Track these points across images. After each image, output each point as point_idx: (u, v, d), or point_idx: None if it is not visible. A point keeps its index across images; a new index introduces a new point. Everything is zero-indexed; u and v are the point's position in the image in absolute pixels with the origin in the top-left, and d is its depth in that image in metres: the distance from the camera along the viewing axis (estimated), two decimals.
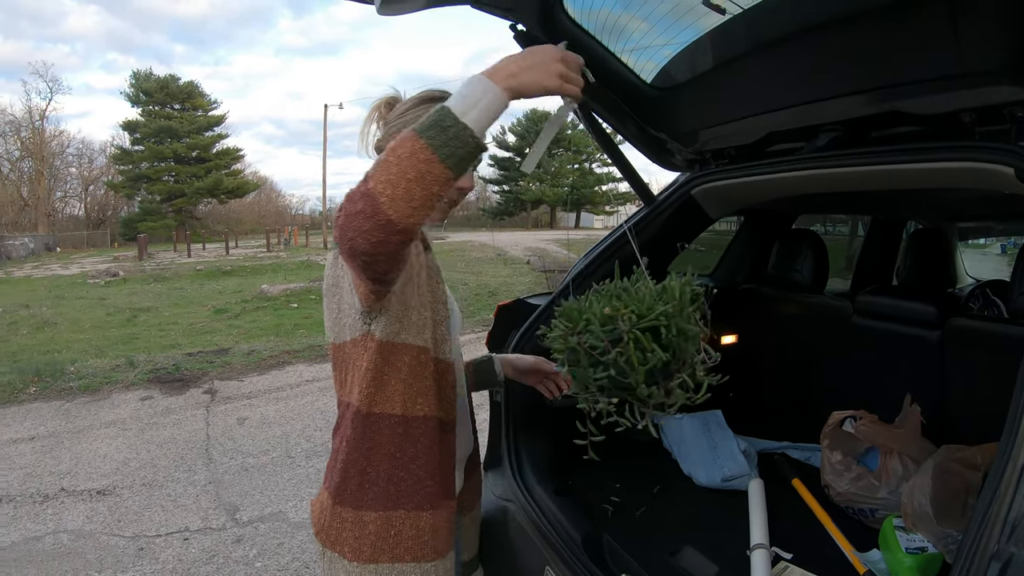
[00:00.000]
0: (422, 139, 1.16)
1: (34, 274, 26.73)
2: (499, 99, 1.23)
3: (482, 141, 1.22)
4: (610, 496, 2.31)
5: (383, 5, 1.70)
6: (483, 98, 1.21)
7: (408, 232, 1.18)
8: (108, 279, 21.96)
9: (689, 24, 2.10)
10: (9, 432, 6.61)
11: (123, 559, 4.05)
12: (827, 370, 2.88)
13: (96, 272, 24.22)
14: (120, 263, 27.38)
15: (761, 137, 2.27)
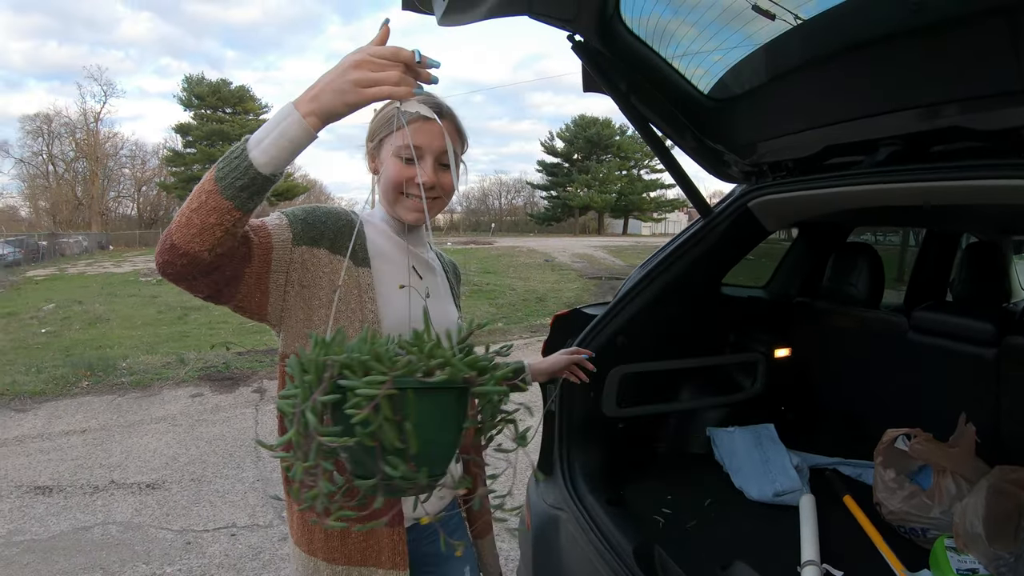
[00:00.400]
0: (214, 169, 1.18)
1: (87, 271, 27.28)
2: (296, 126, 1.17)
3: (263, 172, 1.18)
4: (661, 508, 2.30)
5: (444, 16, 1.72)
6: (279, 126, 1.18)
7: (190, 256, 1.19)
8: (159, 278, 22.26)
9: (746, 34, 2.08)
10: (61, 424, 6.75)
11: (170, 552, 4.10)
12: (880, 386, 2.84)
13: (148, 271, 24.60)
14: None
15: (819, 150, 2.25)
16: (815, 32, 1.92)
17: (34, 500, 4.96)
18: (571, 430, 2.43)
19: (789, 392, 3.03)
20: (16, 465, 5.68)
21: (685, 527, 2.22)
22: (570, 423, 2.43)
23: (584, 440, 2.43)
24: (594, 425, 2.43)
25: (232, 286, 1.35)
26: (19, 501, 4.95)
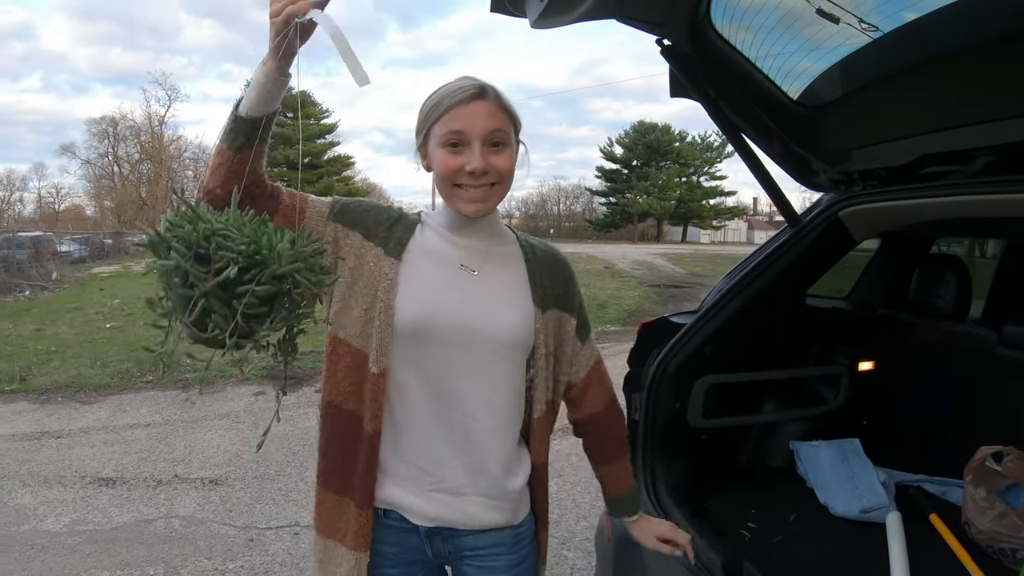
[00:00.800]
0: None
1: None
2: (261, 71, 1.35)
3: (241, 114, 1.37)
4: (746, 522, 2.26)
5: (538, 19, 1.71)
6: (255, 76, 1.37)
7: (209, 193, 1.40)
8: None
9: (837, 40, 2.03)
10: (126, 417, 6.88)
11: (233, 548, 4.13)
12: (967, 401, 2.76)
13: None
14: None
15: (914, 159, 2.19)
16: (909, 39, 1.87)
17: (98, 491, 5.04)
18: (655, 440, 2.39)
19: (871, 406, 2.96)
20: (80, 456, 5.79)
21: (771, 542, 2.17)
22: (654, 433, 2.39)
23: (668, 451, 2.39)
24: (678, 436, 2.39)
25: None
26: (83, 491, 5.04)
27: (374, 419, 1.55)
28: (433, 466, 1.56)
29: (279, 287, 1.12)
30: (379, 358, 1.53)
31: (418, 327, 1.51)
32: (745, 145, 2.32)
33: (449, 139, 1.49)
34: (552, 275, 1.66)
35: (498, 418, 1.56)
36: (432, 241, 1.60)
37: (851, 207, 2.42)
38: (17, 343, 11.02)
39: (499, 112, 1.51)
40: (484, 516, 1.58)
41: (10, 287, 19.39)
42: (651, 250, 38.93)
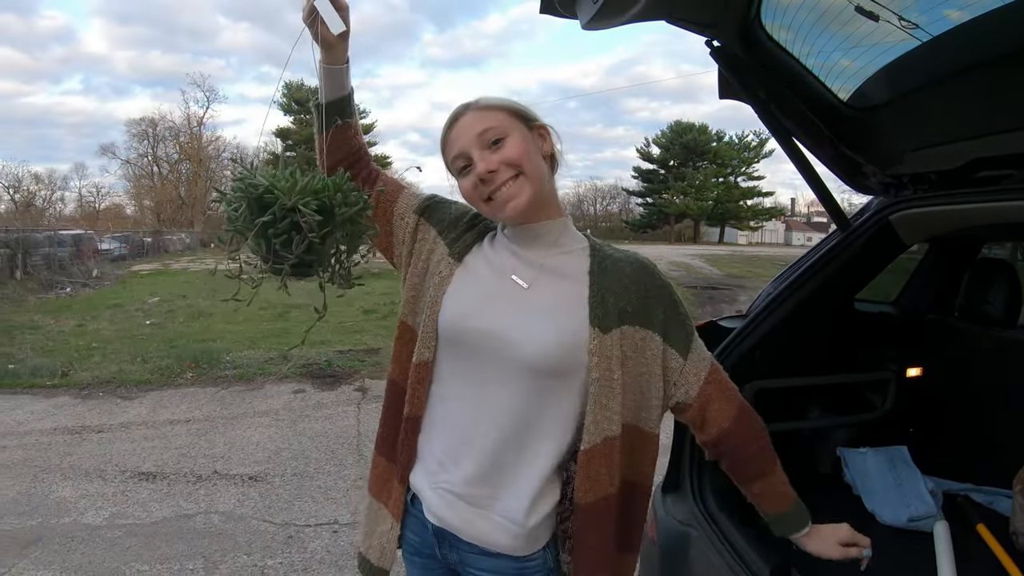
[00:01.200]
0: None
1: (190, 267, 28.26)
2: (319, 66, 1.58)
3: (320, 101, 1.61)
4: None
5: (589, 22, 1.70)
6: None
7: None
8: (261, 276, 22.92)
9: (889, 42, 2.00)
10: (166, 413, 6.97)
11: (272, 545, 4.16)
12: (1018, 409, 2.70)
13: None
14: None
15: (966, 163, 2.15)
16: (962, 40, 1.83)
17: (138, 485, 5.12)
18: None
19: (919, 413, 2.91)
20: (121, 450, 5.89)
21: None
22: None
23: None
24: None
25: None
26: (123, 485, 5.12)
27: (412, 404, 1.61)
28: (451, 464, 1.56)
29: (291, 217, 1.30)
30: (422, 350, 1.58)
31: (452, 327, 1.54)
32: (795, 148, 2.28)
33: (456, 166, 1.55)
34: (624, 288, 1.53)
35: (520, 433, 1.50)
36: (495, 251, 1.62)
37: (902, 211, 2.38)
38: (59, 339, 11.24)
39: (485, 113, 1.52)
40: (486, 532, 1.53)
41: (52, 284, 19.75)
42: (688, 251, 38.80)
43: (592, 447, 1.47)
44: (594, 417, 1.46)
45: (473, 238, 1.64)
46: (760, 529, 2.14)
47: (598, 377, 1.45)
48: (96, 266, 24.11)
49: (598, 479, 1.48)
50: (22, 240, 21.11)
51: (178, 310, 14.86)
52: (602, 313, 1.48)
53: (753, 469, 1.66)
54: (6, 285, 18.27)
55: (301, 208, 1.29)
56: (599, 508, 1.50)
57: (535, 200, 1.50)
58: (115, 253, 31.35)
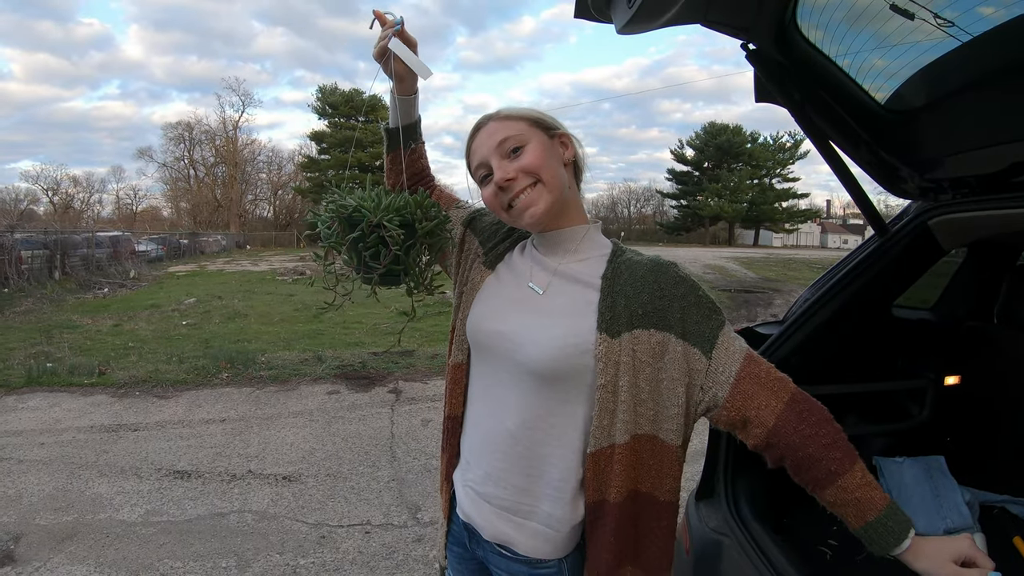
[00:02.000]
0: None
1: (225, 268, 28.60)
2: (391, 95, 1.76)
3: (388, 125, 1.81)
4: (827, 539, 2.20)
5: (625, 26, 1.70)
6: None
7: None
8: (295, 277, 23.09)
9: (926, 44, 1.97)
10: (202, 412, 7.04)
11: (304, 544, 4.19)
12: None
13: (284, 270, 25.54)
14: (307, 262, 28.84)
15: (1006, 167, 2.11)
16: (1003, 42, 1.79)
17: (172, 483, 5.19)
18: (738, 454, 2.34)
19: (956, 422, 2.86)
20: (157, 449, 5.97)
21: (854, 560, 2.11)
22: (736, 447, 2.33)
23: (750, 465, 2.34)
24: None
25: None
26: (158, 483, 5.20)
27: (450, 404, 1.70)
28: (473, 463, 1.62)
29: (378, 233, 1.43)
30: (456, 352, 1.70)
31: (473, 330, 1.62)
32: (832, 152, 2.26)
33: (479, 175, 1.61)
34: (636, 290, 1.48)
35: (529, 434, 1.50)
36: (520, 259, 1.67)
37: (941, 216, 2.34)
38: (96, 338, 11.40)
39: (504, 123, 1.56)
40: (503, 532, 1.54)
41: (90, 284, 20.06)
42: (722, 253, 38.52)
43: (596, 451, 1.45)
44: (599, 423, 1.44)
45: (506, 247, 1.71)
46: (792, 537, 2.12)
47: (603, 383, 1.43)
48: (133, 267, 24.45)
49: (599, 484, 1.46)
50: (60, 241, 21.46)
51: (214, 311, 15.02)
52: (611, 317, 1.45)
53: (818, 472, 1.46)
54: (45, 285, 18.58)
55: (386, 224, 1.42)
56: (597, 514, 1.47)
57: (553, 208, 1.52)
58: (152, 254, 31.76)
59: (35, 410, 7.18)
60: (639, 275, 1.50)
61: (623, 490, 1.45)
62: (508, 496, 1.53)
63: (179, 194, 66.51)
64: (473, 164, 1.60)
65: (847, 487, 1.44)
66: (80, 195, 67.35)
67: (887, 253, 2.45)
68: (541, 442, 1.49)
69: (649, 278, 1.49)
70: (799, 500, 2.48)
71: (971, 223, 2.32)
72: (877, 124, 2.25)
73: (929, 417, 2.72)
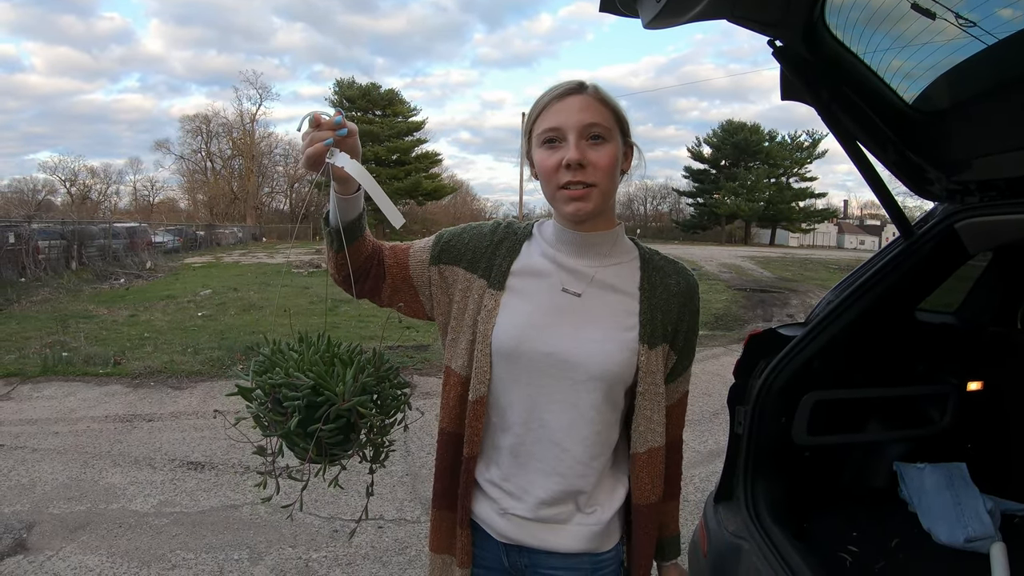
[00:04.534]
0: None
1: (241, 260, 28.69)
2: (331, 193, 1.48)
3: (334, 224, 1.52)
4: (846, 545, 2.18)
5: (652, 21, 1.67)
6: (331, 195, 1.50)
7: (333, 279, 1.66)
8: (311, 270, 23.14)
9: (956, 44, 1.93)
10: (216, 404, 7.02)
11: (317, 538, 4.18)
12: None
13: (300, 262, 25.61)
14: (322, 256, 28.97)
15: None
16: None
17: (186, 474, 5.20)
18: (758, 456, 2.31)
19: (978, 429, 2.82)
20: (171, 439, 5.98)
21: (874, 568, 2.08)
22: (757, 448, 2.31)
23: (770, 468, 2.31)
24: (781, 452, 2.31)
25: (376, 296, 1.64)
26: (171, 474, 5.21)
27: (471, 443, 1.57)
28: (518, 490, 1.55)
29: (348, 418, 1.26)
30: (477, 386, 1.55)
31: (511, 351, 1.51)
32: (859, 152, 2.22)
33: (545, 136, 1.48)
34: (669, 308, 1.56)
35: (587, 449, 1.50)
36: (538, 259, 1.59)
37: (968, 219, 2.30)
38: (112, 328, 11.44)
39: (597, 105, 1.48)
40: (561, 542, 1.54)
41: (106, 275, 20.16)
42: (739, 252, 38.37)
43: (637, 454, 1.53)
44: (636, 427, 1.52)
45: (505, 256, 1.60)
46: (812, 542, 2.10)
47: (644, 391, 1.50)
48: (149, 258, 24.51)
49: (642, 486, 1.54)
50: (78, 232, 21.58)
51: (229, 302, 15.04)
52: (651, 331, 1.51)
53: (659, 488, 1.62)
54: (62, 276, 18.68)
55: (361, 410, 1.26)
56: (645, 512, 1.56)
57: (598, 210, 1.49)
58: (168, 246, 31.90)
59: (50, 399, 7.20)
60: (672, 291, 1.57)
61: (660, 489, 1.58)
62: (566, 511, 1.53)
63: (196, 186, 66.90)
64: (545, 123, 1.49)
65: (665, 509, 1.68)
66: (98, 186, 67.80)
67: (912, 256, 2.41)
68: (597, 455, 1.52)
69: (680, 300, 1.58)
70: (819, 505, 2.47)
71: (998, 227, 2.28)
72: (905, 124, 2.21)
73: (951, 423, 2.68)
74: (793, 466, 2.32)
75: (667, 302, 1.55)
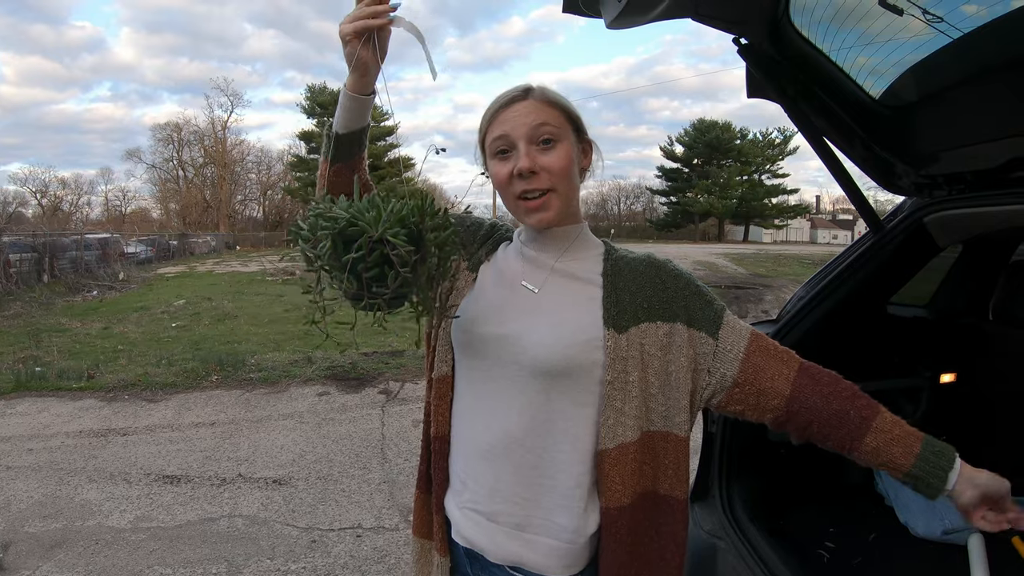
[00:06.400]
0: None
1: (215, 269, 28.54)
2: (343, 91, 1.44)
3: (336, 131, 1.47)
4: (823, 541, 2.18)
5: (614, 20, 1.67)
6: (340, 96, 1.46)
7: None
8: (285, 277, 23.04)
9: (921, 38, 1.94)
10: (191, 416, 7.00)
11: (295, 549, 4.15)
12: None
13: (274, 270, 25.50)
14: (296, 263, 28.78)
15: (1004, 162, 2.08)
16: (997, 36, 1.77)
17: (162, 488, 5.14)
18: (731, 454, 2.31)
19: (952, 420, 2.84)
20: (146, 453, 5.91)
21: (851, 563, 2.09)
22: (732, 447, 2.30)
23: (745, 465, 2.31)
24: (756, 450, 2.31)
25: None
26: (147, 488, 5.14)
27: (436, 423, 1.56)
28: (471, 481, 1.50)
29: (381, 250, 1.18)
30: (439, 364, 1.55)
31: (464, 335, 1.50)
32: (826, 148, 2.23)
33: (496, 147, 1.47)
34: (640, 285, 1.47)
35: (537, 444, 1.42)
36: (507, 258, 1.59)
37: (936, 213, 2.31)
38: (85, 341, 11.35)
39: (544, 107, 1.46)
40: (514, 553, 1.45)
41: (79, 287, 19.96)
42: (713, 250, 38.63)
43: (604, 451, 1.40)
44: (606, 420, 1.39)
45: (487, 250, 1.62)
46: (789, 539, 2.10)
47: (611, 379, 1.39)
48: (122, 269, 24.33)
49: (611, 486, 1.40)
50: (49, 244, 21.35)
51: (203, 312, 14.96)
52: (616, 312, 1.43)
53: (851, 425, 1.44)
54: (33, 289, 18.48)
55: (391, 239, 1.19)
56: (612, 516, 1.41)
57: (561, 214, 1.47)
58: (141, 256, 31.66)
59: (23, 415, 7.11)
60: (639, 270, 1.49)
61: (638, 490, 1.43)
62: (517, 511, 1.44)
63: (168, 195, 66.55)
64: (494, 133, 1.47)
65: (884, 428, 1.44)
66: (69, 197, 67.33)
67: (882, 250, 2.42)
68: (552, 447, 1.42)
69: (650, 273, 1.49)
70: (795, 502, 2.48)
71: (967, 219, 2.29)
72: (872, 120, 2.22)
73: (925, 415, 2.70)
74: (768, 464, 2.32)
75: (634, 282, 1.48)
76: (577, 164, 1.50)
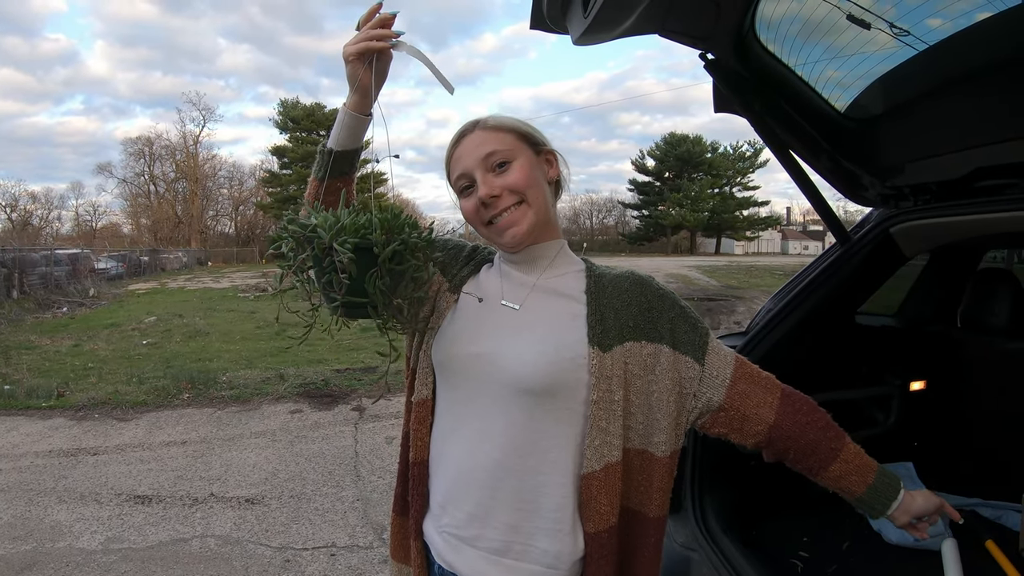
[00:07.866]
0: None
1: (187, 286, 28.31)
2: (342, 110, 1.49)
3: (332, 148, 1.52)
4: (797, 550, 2.19)
5: (581, 37, 1.69)
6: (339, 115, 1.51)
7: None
8: (257, 294, 22.91)
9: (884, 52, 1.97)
10: (162, 435, 6.92)
11: (269, 569, 4.11)
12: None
13: (246, 286, 25.33)
14: (269, 279, 28.63)
15: (968, 172, 2.11)
16: (959, 49, 1.80)
17: (133, 509, 5.07)
18: (703, 467, 2.31)
19: (923, 427, 2.87)
20: (116, 473, 5.84)
21: (826, 571, 2.10)
22: (703, 459, 2.31)
23: (717, 477, 2.32)
24: (728, 462, 2.31)
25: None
26: (118, 509, 5.07)
27: (416, 448, 1.54)
28: (451, 505, 1.48)
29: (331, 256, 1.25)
30: (420, 387, 1.54)
31: (442, 356, 1.50)
32: (793, 161, 2.25)
33: (460, 185, 1.51)
34: (625, 303, 1.46)
35: (520, 468, 1.39)
36: (487, 279, 1.59)
37: (902, 223, 2.34)
38: (55, 359, 11.21)
39: (491, 134, 1.49)
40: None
41: (48, 303, 19.72)
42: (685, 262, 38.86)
43: (591, 473, 1.38)
44: (592, 441, 1.37)
45: (469, 271, 1.61)
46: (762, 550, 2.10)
47: (597, 399, 1.37)
48: (93, 285, 24.06)
49: (598, 508, 1.39)
50: (18, 259, 21.08)
51: (175, 329, 14.82)
52: (601, 331, 1.41)
53: (822, 454, 1.53)
54: (2, 305, 18.23)
55: (337, 247, 1.24)
56: (601, 540, 1.40)
57: (536, 227, 1.47)
58: (112, 272, 31.31)
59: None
60: (624, 288, 1.49)
61: (617, 510, 1.42)
62: (498, 536, 1.41)
63: (139, 210, 65.97)
64: (455, 173, 1.50)
65: (848, 458, 1.54)
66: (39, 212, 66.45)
67: (849, 261, 2.45)
68: (534, 469, 1.39)
69: (635, 291, 1.48)
70: (768, 513, 2.49)
71: (933, 229, 2.33)
72: (837, 132, 2.25)
73: (896, 423, 2.72)
74: (740, 475, 2.32)
75: (618, 299, 1.46)
76: (542, 176, 1.51)
